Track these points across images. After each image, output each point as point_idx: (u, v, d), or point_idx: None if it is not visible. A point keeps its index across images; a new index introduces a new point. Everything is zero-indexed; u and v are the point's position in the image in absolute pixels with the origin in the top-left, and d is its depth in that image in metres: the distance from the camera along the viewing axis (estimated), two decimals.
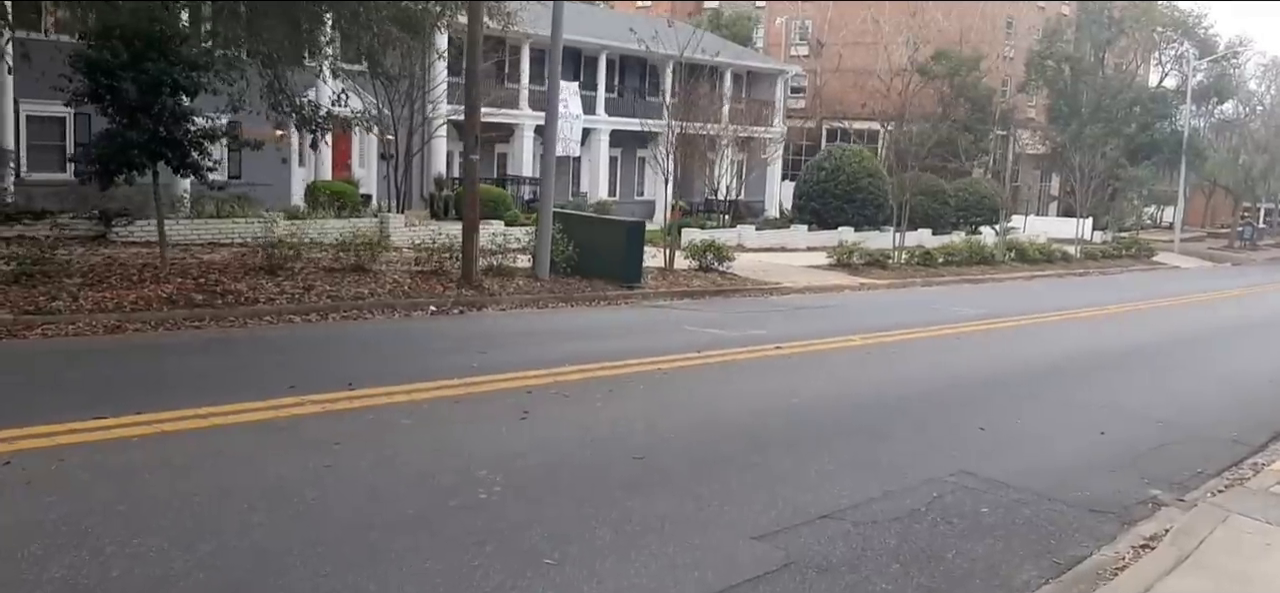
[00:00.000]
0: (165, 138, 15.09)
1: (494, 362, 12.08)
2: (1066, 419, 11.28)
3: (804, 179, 41.78)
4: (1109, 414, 11.61)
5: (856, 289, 25.52)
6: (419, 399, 9.71)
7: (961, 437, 10.02)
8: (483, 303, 17.48)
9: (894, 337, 16.55)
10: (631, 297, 19.91)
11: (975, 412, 11.22)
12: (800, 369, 13.15)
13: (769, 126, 51.23)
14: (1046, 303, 23.95)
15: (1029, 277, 32.95)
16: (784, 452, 8.88)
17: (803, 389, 11.78)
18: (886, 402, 11.39)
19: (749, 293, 22.49)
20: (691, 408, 10.34)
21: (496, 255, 19.90)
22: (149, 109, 14.75)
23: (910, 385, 12.47)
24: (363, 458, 7.73)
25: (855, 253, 28.95)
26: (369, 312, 15.75)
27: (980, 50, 58.77)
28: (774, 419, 10.14)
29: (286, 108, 18.44)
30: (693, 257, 24.31)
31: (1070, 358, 15.72)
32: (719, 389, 11.43)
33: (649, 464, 8.17)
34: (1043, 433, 10.53)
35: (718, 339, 14.98)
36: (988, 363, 14.75)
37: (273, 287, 15.90)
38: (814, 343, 15.19)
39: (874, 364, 13.92)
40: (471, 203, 18.61)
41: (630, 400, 10.46)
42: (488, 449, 8.19)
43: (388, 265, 19.34)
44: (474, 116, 18.48)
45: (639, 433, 9.10)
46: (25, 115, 27.45)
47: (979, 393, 12.32)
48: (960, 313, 20.65)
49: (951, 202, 43.55)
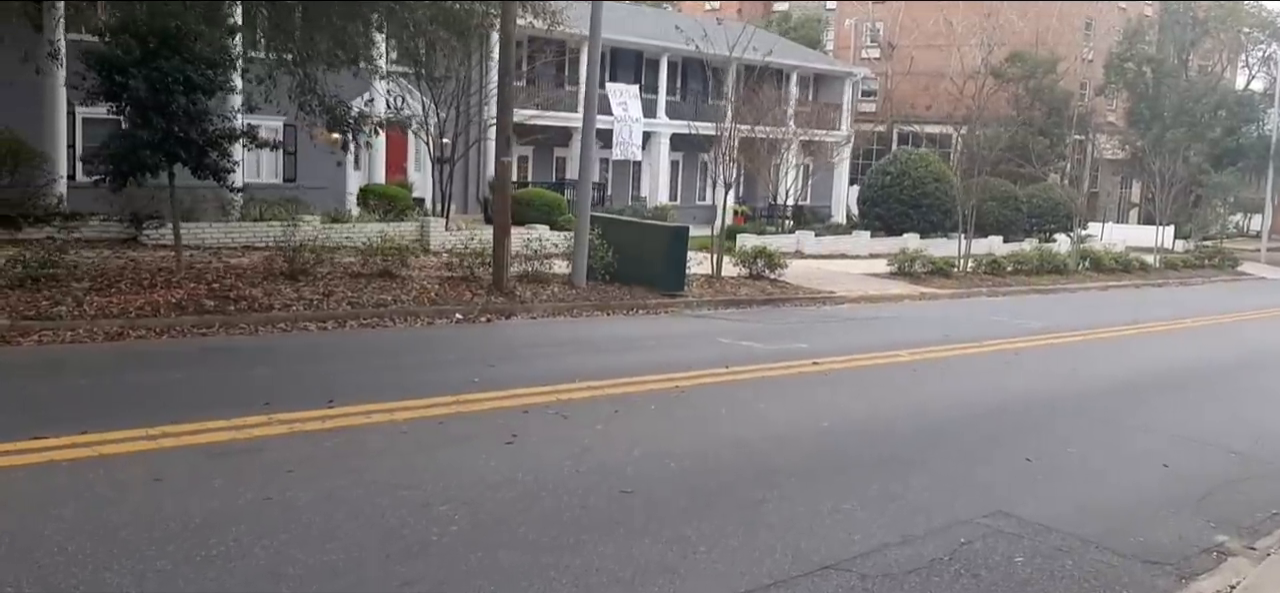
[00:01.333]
0: (180, 138, 14.53)
1: (501, 375, 11.28)
2: (1126, 449, 10.15)
3: (868, 184, 40.56)
4: (1175, 443, 10.46)
5: (916, 299, 24.33)
6: (401, 419, 8.92)
7: (1004, 469, 8.97)
8: (512, 311, 16.71)
9: (945, 352, 15.44)
10: (673, 305, 19.01)
11: (1023, 439, 10.14)
12: (835, 388, 12.15)
13: (835, 130, 50.01)
14: (1119, 316, 22.56)
15: (1103, 287, 31.39)
16: (798, 485, 7.91)
17: (833, 411, 10.79)
18: (925, 427, 10.35)
19: (799, 302, 21.46)
20: (703, 432, 9.41)
21: (533, 261, 19.12)
22: (163, 108, 14.20)
23: (954, 408, 11.40)
24: (312, 488, 6.93)
25: (917, 261, 27.71)
26: (390, 319, 15.06)
27: (1057, 52, 56.89)
28: (794, 446, 9.17)
29: (316, 108, 17.82)
30: (743, 264, 23.32)
31: (1138, 378, 14.49)
32: (739, 410, 10.47)
33: (638, 499, 7.27)
34: (1097, 465, 9.42)
35: (752, 353, 14.02)
36: (1044, 383, 13.58)
37: (291, 293, 15.28)
38: (857, 358, 14.15)
39: (918, 383, 12.85)
40: (502, 206, 17.86)
41: (636, 422, 9.56)
42: (457, 479, 7.35)
43: (420, 270, 18.66)
44: (505, 116, 17.73)
45: (635, 461, 8.20)
46: (80, 119, 27.36)
47: (1030, 417, 11.21)
48: (1023, 326, 19.42)
49: (1024, 208, 41.97)
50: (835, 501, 7.62)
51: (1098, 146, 61.80)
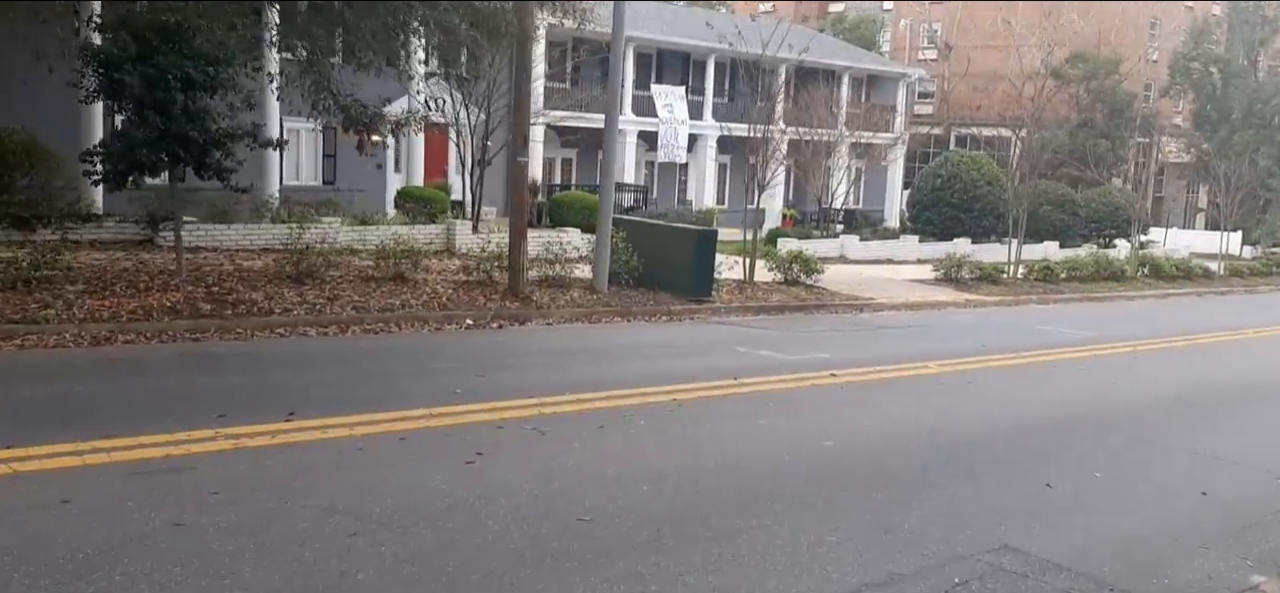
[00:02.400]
0: (179, 136, 14.04)
1: (488, 386, 10.63)
2: (1163, 473, 9.26)
3: (918, 187, 39.45)
4: (1218, 467, 9.54)
5: (960, 306, 23.35)
6: (360, 433, 8.28)
7: (1018, 496, 8.13)
8: (527, 317, 16.07)
9: (977, 364, 14.53)
10: (699, 311, 18.27)
11: (1046, 462, 9.27)
12: (848, 403, 11.35)
13: (888, 132, 48.89)
14: (1174, 325, 21.42)
15: (1162, 295, 30.09)
16: (782, 514, 7.16)
17: (841, 428, 10.00)
18: (940, 446, 9.52)
19: (834, 309, 20.60)
20: (689, 451, 8.66)
21: (555, 265, 18.47)
22: (160, 106, 13.72)
23: (975, 426, 10.54)
24: (232, 514, 6.30)
25: (964, 266, 26.66)
26: (395, 325, 14.50)
27: (1119, 52, 55.20)
28: (789, 468, 8.41)
29: (330, 107, 17.31)
30: (778, 269, 22.49)
31: (1186, 393, 13.49)
32: (737, 426, 9.72)
33: (597, 528, 6.57)
34: (1127, 492, 8.55)
35: (768, 363, 13.25)
36: (1080, 398, 12.63)
37: (294, 297, 14.77)
38: (880, 370, 13.32)
39: (941, 397, 11.98)
40: (518, 208, 17.25)
41: (619, 439, 8.85)
42: (400, 504, 6.69)
43: (436, 274, 18.10)
44: (521, 116, 17.10)
45: (605, 484, 7.49)
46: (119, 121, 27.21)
47: (1058, 436, 10.32)
48: (1067, 336, 18.41)
49: (1082, 212, 40.58)
50: (820, 531, 6.86)
51: (1162, 150, 59.95)
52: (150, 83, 13.59)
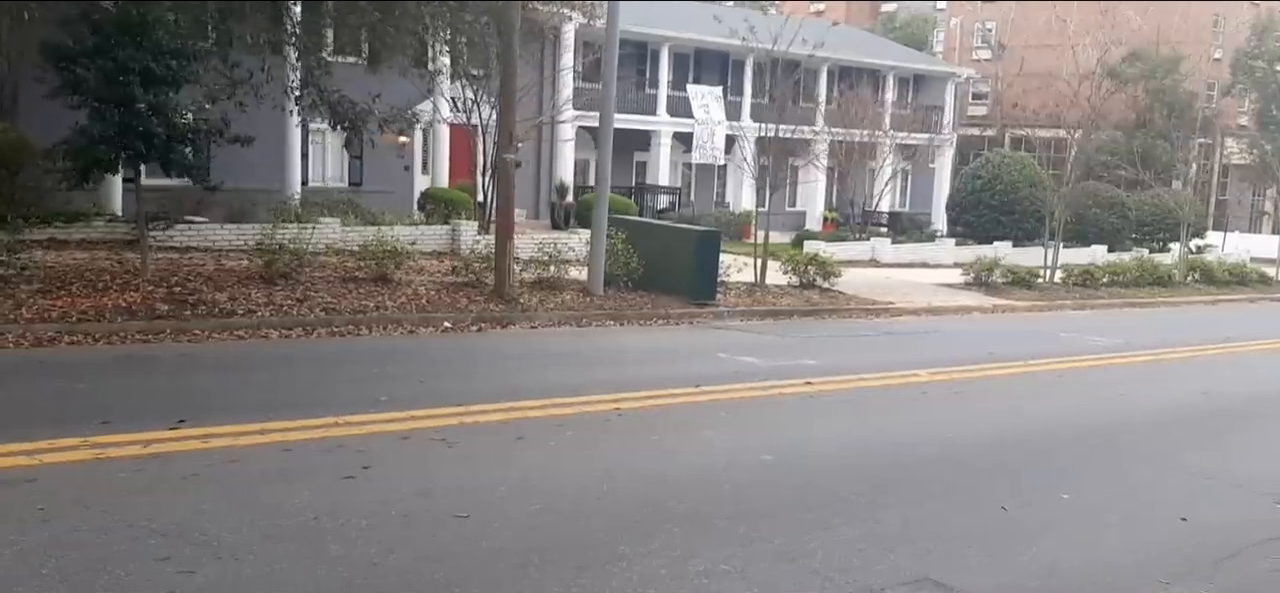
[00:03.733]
0: (142, 132, 13.61)
1: (425, 392, 9.98)
2: (1144, 494, 8.34)
3: (957, 189, 38.27)
4: (1212, 489, 8.60)
5: (987, 312, 22.31)
6: (243, 444, 7.65)
7: (967, 520, 7.28)
8: (511, 320, 15.42)
9: (976, 372, 13.59)
10: (699, 315, 17.51)
11: (1014, 481, 8.38)
12: (816, 413, 10.52)
13: (937, 133, 47.64)
14: (1212, 333, 20.19)
15: (1212, 301, 28.73)
16: (680, 539, 6.39)
17: (793, 441, 9.18)
18: (897, 462, 8.68)
19: (847, 314, 19.71)
20: (607, 466, 7.90)
21: (550, 266, 17.81)
22: (120, 101, 13.30)
23: (947, 440, 9.63)
24: (36, 536, 5.67)
25: (996, 270, 25.56)
26: (366, 328, 13.92)
27: (1180, 51, 53.35)
28: (713, 485, 7.63)
29: (314, 101, 16.82)
30: (793, 272, 21.63)
31: (1199, 404, 12.45)
32: (673, 440, 8.95)
33: (450, 560, 5.84)
34: (1096, 515, 7.65)
35: (745, 370, 12.44)
36: (1077, 410, 11.65)
37: (262, 297, 14.25)
38: (863, 378, 12.44)
39: (917, 409, 11.11)
40: (504, 208, 16.60)
41: (532, 453, 8.13)
42: (238, 526, 6.02)
43: (423, 275, 17.52)
44: (508, 112, 16.45)
45: (490, 504, 6.78)
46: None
47: (1036, 453, 9.42)
48: (1089, 343, 17.36)
49: (1132, 215, 39.05)
50: (716, 559, 6.09)
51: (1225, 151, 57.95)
52: (109, 78, 13.17)
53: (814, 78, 44.87)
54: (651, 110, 39.91)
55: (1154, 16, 54.36)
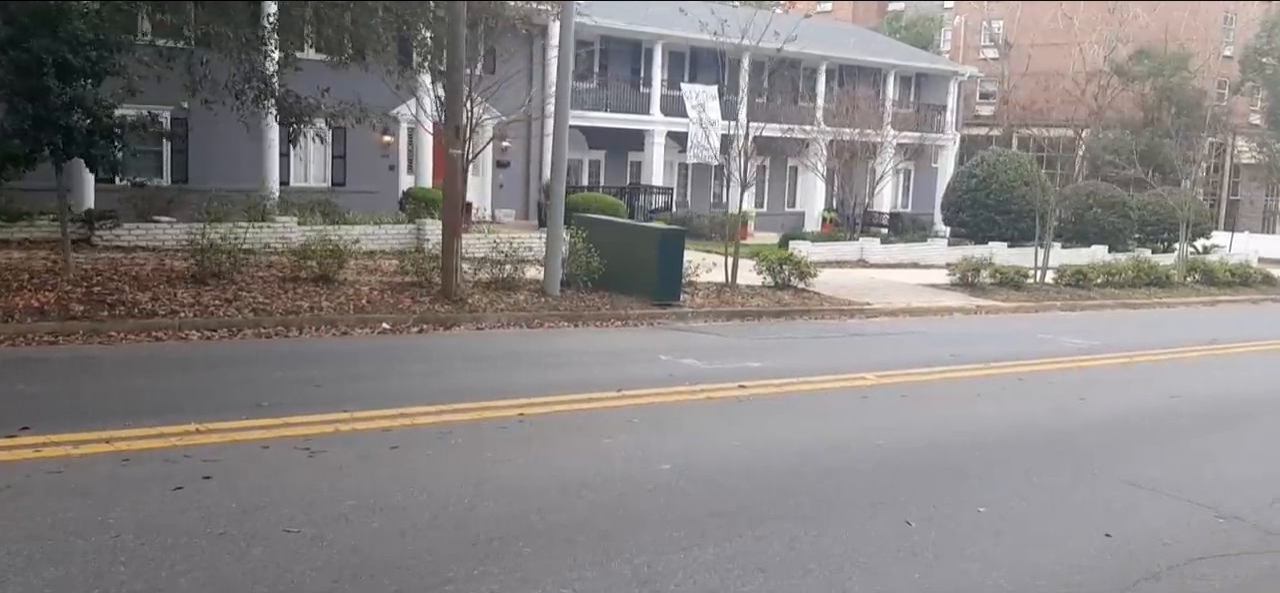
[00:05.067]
0: (61, 127, 13.06)
1: (319, 396, 9.39)
2: (1074, 508, 7.65)
3: (951, 188, 37.46)
4: (1151, 502, 7.93)
5: (970, 313, 21.58)
6: (79, 454, 7.03)
7: (855, 539, 6.62)
8: (456, 321, 14.82)
9: (931, 375, 12.90)
10: (661, 316, 16.87)
11: (929, 492, 7.72)
12: (737, 419, 9.84)
13: (939, 132, 46.89)
14: (1202, 334, 19.38)
15: (1210, 302, 27.90)
16: (535, 558, 5.78)
17: (694, 450, 8.47)
18: (801, 473, 8.00)
19: (820, 315, 19.03)
20: (474, 479, 7.23)
21: (505, 265, 17.21)
22: (33, 94, 12.75)
23: (872, 448, 8.96)
24: None
25: (983, 270, 24.82)
26: (298, 329, 13.34)
27: (1188, 48, 52.33)
28: (586, 498, 6.98)
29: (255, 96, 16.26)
30: (768, 272, 20.97)
31: (1163, 410, 11.70)
32: (567, 448, 8.30)
33: (258, 586, 5.26)
34: (1011, 532, 7.00)
35: (684, 373, 11.80)
36: (1028, 416, 10.95)
37: (188, 298, 13.69)
38: (804, 381, 11.77)
39: (852, 414, 10.43)
40: (450, 204, 16.00)
41: (402, 464, 7.49)
42: (20, 543, 5.45)
43: (370, 275, 16.95)
44: (454, 104, 15.84)
45: (326, 521, 6.16)
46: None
47: (967, 462, 8.73)
48: (1066, 345, 16.64)
49: (1134, 215, 38.18)
50: (555, 586, 5.47)
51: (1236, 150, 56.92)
52: (23, 69, 12.63)
53: (812, 76, 44.22)
54: (645, 110, 39.30)
55: (1162, 13, 53.39)
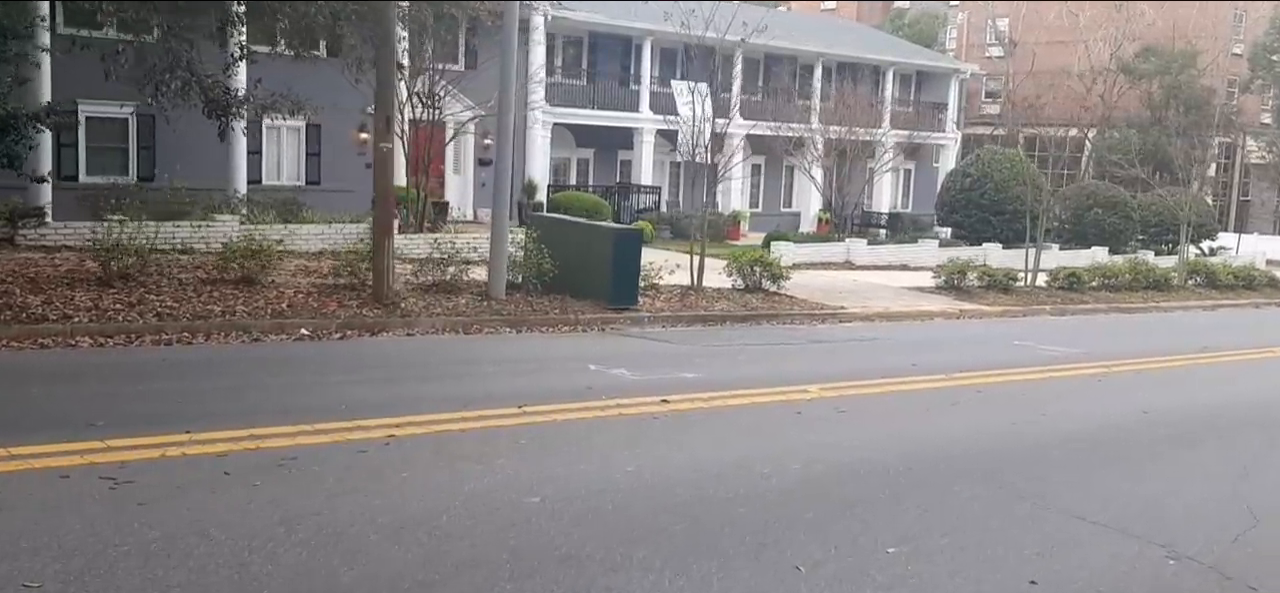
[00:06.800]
0: None
1: (168, 413, 8.39)
2: (997, 545, 6.63)
3: (945, 188, 36.39)
4: (1093, 538, 6.91)
5: (952, 317, 20.53)
6: None
7: (736, 585, 5.65)
8: (386, 326, 13.86)
9: (878, 387, 11.85)
10: (615, 321, 15.91)
11: (837, 525, 6.71)
12: (645, 438, 8.82)
13: (939, 131, 45.79)
14: (1193, 341, 18.26)
15: (1210, 306, 26.76)
16: None
17: (580, 476, 7.47)
18: (689, 504, 7.01)
19: (788, 320, 18.01)
20: (307, 515, 6.25)
21: (451, 267, 16.27)
22: None
23: (777, 476, 7.92)
24: None
25: (969, 273, 23.77)
26: (206, 335, 12.38)
27: (1196, 45, 51.09)
28: (411, 550, 5.99)
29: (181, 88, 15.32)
30: (739, 274, 19.96)
31: (1129, 427, 10.60)
32: (437, 477, 7.31)
33: None
34: (914, 577, 5.98)
35: (607, 385, 10.80)
36: (970, 433, 9.83)
37: (88, 301, 12.77)
38: (737, 394, 10.76)
39: (779, 431, 9.38)
40: (382, 202, 15.07)
41: (220, 497, 6.53)
42: None
43: (304, 276, 16.02)
44: (385, 95, 14.88)
45: (67, 580, 5.23)
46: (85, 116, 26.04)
47: (886, 487, 7.70)
48: (1041, 353, 15.61)
49: (1136, 216, 37.02)
50: None
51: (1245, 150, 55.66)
52: None
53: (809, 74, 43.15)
54: (635, 107, 38.32)
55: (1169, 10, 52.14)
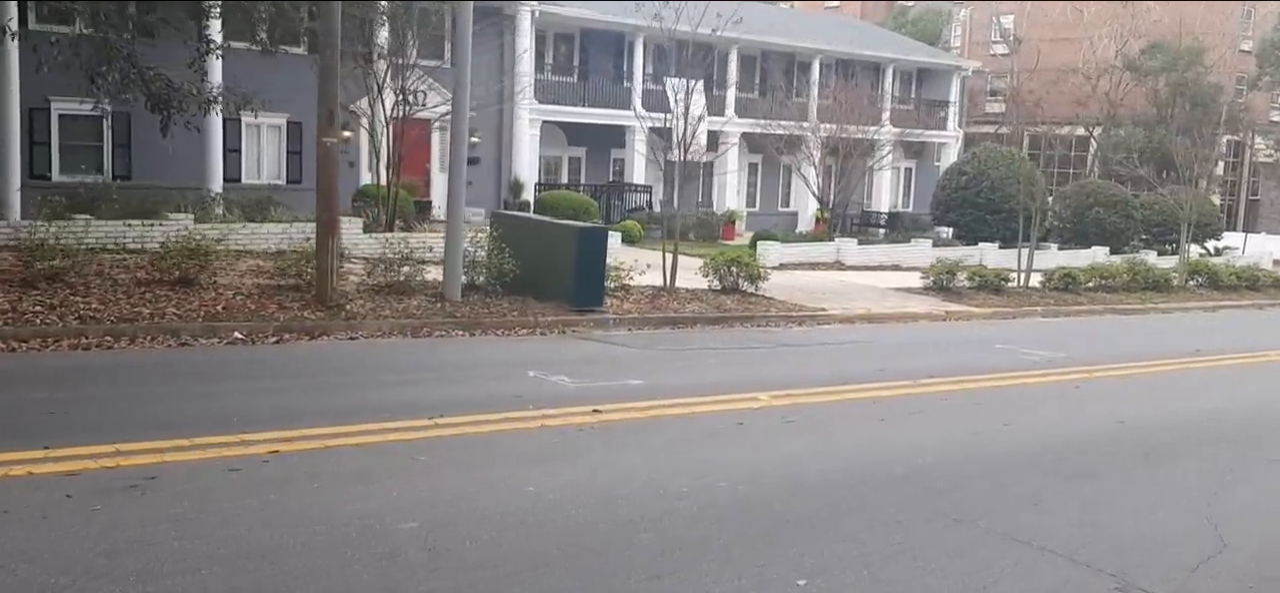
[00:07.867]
0: None
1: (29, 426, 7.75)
2: (923, 577, 5.91)
3: (941, 186, 35.58)
4: (1035, 566, 6.18)
5: (937, 319, 19.79)
6: None
7: None
8: (328, 330, 13.19)
9: (836, 394, 11.11)
10: (578, 324, 15.23)
11: (745, 556, 5.99)
12: (554, 456, 8.10)
13: (941, 129, 45.00)
14: (1186, 345, 17.48)
15: (1211, 308, 25.95)
16: None
17: (470, 497, 6.76)
18: (583, 532, 6.31)
19: (763, 322, 17.29)
20: (137, 546, 5.61)
21: (404, 267, 15.59)
22: None
23: (695, 496, 7.22)
24: None
25: (958, 273, 23.01)
26: (131, 339, 11.73)
27: (1203, 42, 50.17)
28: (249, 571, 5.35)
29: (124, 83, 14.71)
30: (715, 274, 19.24)
31: (1099, 438, 9.84)
32: (304, 501, 6.60)
33: None
34: None
35: (541, 393, 10.12)
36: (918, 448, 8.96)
37: (5, 303, 12.12)
38: (678, 403, 10.02)
39: (714, 444, 8.63)
40: (325, 200, 14.38)
41: (23, 530, 5.88)
42: None
43: (249, 277, 15.37)
44: (328, 88, 14.18)
45: None
46: (57, 115, 25.57)
47: (812, 509, 6.98)
48: (1022, 357, 14.86)
49: (1137, 215, 36.15)
50: None
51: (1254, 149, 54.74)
52: None
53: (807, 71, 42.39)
54: (627, 105, 37.58)
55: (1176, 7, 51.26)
